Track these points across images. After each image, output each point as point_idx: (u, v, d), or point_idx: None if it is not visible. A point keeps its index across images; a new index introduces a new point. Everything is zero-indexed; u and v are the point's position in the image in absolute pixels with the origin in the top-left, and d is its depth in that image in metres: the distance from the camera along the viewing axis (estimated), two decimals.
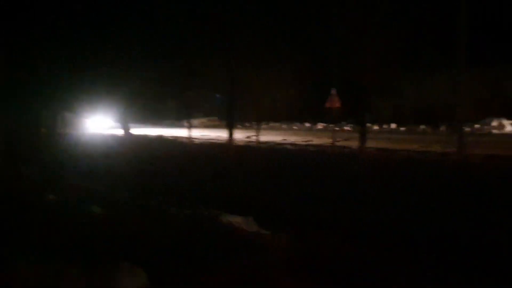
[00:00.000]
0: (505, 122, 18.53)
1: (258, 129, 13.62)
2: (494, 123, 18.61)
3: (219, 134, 15.62)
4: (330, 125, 13.59)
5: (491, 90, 22.13)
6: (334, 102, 11.54)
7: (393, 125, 22.00)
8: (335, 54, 11.45)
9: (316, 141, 13.94)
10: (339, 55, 11.27)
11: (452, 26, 9.11)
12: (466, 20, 8.63)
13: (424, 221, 3.97)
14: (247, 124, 24.59)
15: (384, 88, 21.58)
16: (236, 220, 4.19)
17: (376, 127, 21.50)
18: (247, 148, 11.88)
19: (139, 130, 20.17)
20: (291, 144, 13.09)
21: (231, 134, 11.74)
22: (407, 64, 23.54)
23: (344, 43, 9.86)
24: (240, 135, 14.96)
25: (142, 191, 5.85)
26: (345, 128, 21.24)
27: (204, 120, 31.62)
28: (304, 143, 13.33)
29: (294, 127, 26.12)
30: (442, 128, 19.48)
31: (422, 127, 20.99)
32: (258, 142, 11.32)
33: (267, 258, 3.05)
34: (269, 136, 15.31)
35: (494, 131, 17.88)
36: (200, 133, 17.76)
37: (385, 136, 16.02)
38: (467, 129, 8.53)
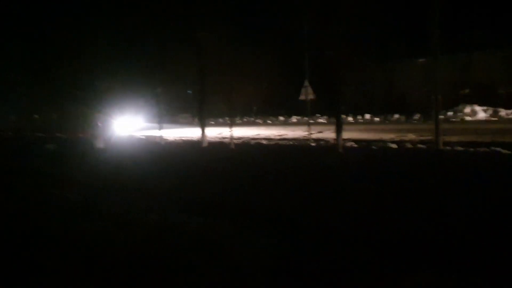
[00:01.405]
0: (477, 108, 18.73)
1: (232, 125, 13.34)
2: (467, 109, 18.79)
3: (193, 132, 15.25)
4: (305, 118, 13.40)
5: (463, 76, 22.40)
6: (308, 94, 11.33)
7: (367, 116, 22.01)
8: (306, 45, 11.25)
9: (290, 134, 13.77)
10: (309, 45, 11.08)
11: (424, 13, 9.01)
12: (439, 7, 8.52)
13: (413, 215, 3.77)
14: (220, 120, 24.27)
15: (357, 78, 21.62)
16: (208, 224, 3.92)
17: (350, 118, 21.47)
18: (220, 145, 11.59)
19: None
20: (265, 138, 12.86)
21: (203, 131, 11.46)
22: (379, 52, 23.67)
23: (314, 33, 9.70)
24: (213, 132, 14.65)
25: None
26: (320, 120, 21.15)
27: (179, 117, 31.16)
28: (278, 137, 13.13)
29: (269, 121, 25.91)
30: (416, 116, 19.58)
31: (396, 116, 21.06)
32: (232, 138, 11.05)
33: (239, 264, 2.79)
34: (243, 132, 15.04)
35: (467, 118, 18.06)
36: (173, 131, 17.32)
37: (361, 127, 16.00)
38: (440, 116, 8.46)
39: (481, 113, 18.28)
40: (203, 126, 11.58)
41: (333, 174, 5.85)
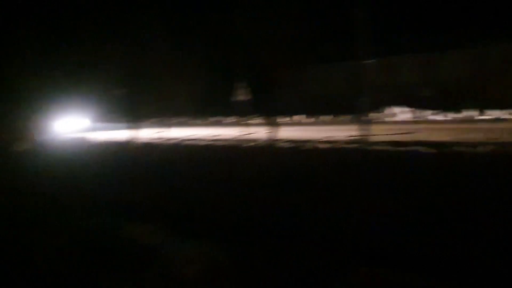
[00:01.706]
0: (398, 109, 19.89)
1: (167, 125, 13.07)
2: (387, 111, 19.92)
3: (124, 132, 14.73)
4: (240, 118, 13.47)
5: (385, 79, 23.67)
6: (243, 95, 11.38)
7: (300, 116, 22.55)
8: (239, 46, 11.29)
9: (224, 135, 13.75)
10: (243, 46, 11.14)
11: (351, 17, 9.37)
12: (366, 12, 8.91)
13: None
14: (154, 120, 23.70)
15: (290, 79, 22.07)
16: (142, 229, 3.79)
17: (285, 119, 21.87)
18: (151, 147, 11.31)
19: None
20: (200, 139, 12.74)
21: (132, 132, 11.14)
22: (310, 54, 24.29)
23: (245, 33, 9.75)
24: (147, 132, 14.27)
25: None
26: (254, 121, 21.33)
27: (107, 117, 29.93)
28: (211, 137, 13.07)
29: (202, 122, 25.69)
30: (345, 117, 20.34)
31: (328, 117, 21.76)
32: (166, 139, 10.82)
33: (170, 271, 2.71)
34: (178, 132, 14.81)
35: (388, 119, 19.10)
36: (102, 133, 16.64)
37: (294, 127, 16.35)
38: (369, 117, 8.90)
39: (400, 115, 19.44)
40: (134, 126, 11.26)
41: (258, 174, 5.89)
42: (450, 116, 17.83)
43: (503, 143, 7.56)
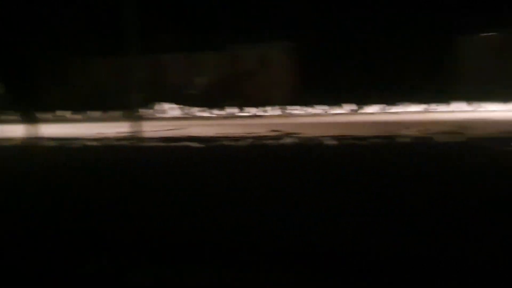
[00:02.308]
0: (167, 106, 20.57)
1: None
2: (158, 107, 20.40)
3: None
4: None
5: (156, 76, 24.14)
6: None
7: (65, 112, 20.89)
8: None
9: None
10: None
11: (121, 12, 9.18)
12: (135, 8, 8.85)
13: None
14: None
15: (55, 72, 20.25)
16: None
17: (47, 115, 19.84)
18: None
19: None
20: None
21: None
22: (77, 48, 22.73)
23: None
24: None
25: None
26: (8, 117, 18.69)
27: None
28: None
29: None
30: (114, 113, 19.81)
31: (96, 113, 20.79)
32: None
33: None
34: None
35: (159, 115, 19.55)
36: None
37: (59, 124, 15.02)
38: (140, 113, 8.93)
39: (170, 111, 20.19)
40: None
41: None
42: (215, 112, 19.34)
43: (259, 137, 8.68)
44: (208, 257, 2.67)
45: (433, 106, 16.83)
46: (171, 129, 11.57)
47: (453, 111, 15.91)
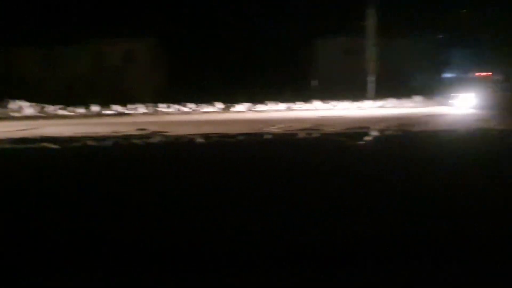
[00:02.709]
0: (23, 104, 18.58)
1: None
2: (12, 105, 18.34)
3: None
4: None
5: (7, 72, 21.81)
6: None
7: None
8: None
9: None
10: None
11: None
12: None
13: None
14: None
15: None
16: None
17: None
18: None
19: None
20: None
21: None
22: None
23: None
24: None
25: None
26: None
27: None
28: None
29: None
30: None
31: None
32: None
33: None
34: None
35: (14, 114, 17.64)
36: None
37: None
38: None
39: (29, 109, 18.28)
40: None
41: None
42: (77, 111, 18.05)
43: (124, 136, 8.34)
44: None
45: (297, 104, 18.01)
46: (24, 129, 10.52)
47: (314, 109, 17.22)
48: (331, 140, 7.02)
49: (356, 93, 18.75)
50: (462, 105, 12.04)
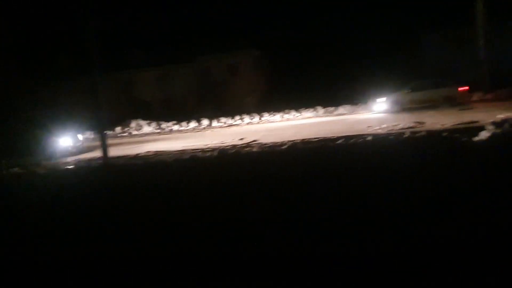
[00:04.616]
0: (142, 122, 20.16)
1: None
2: (133, 124, 19.95)
3: None
4: None
5: (124, 94, 23.90)
6: None
7: None
8: None
9: None
10: None
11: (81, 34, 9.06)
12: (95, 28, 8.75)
13: None
14: None
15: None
16: None
17: None
18: None
19: None
20: None
21: None
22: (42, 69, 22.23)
23: None
24: None
25: None
26: None
27: None
28: None
29: None
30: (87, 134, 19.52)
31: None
32: None
33: None
34: None
35: (134, 132, 19.22)
36: None
37: None
38: (110, 132, 8.89)
39: (146, 127, 19.76)
40: None
41: None
42: (191, 125, 19.00)
43: (230, 145, 8.69)
44: None
45: None
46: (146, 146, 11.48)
47: None
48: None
49: None
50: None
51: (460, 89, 14.13)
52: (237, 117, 18.83)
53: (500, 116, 7.10)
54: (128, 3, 25.40)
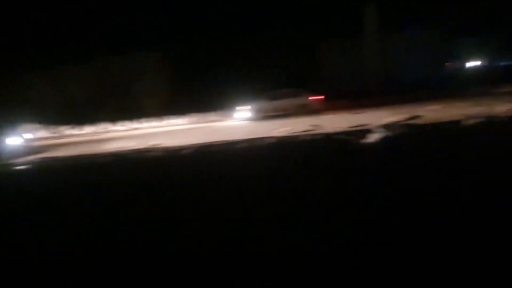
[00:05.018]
0: (35, 126, 18.74)
1: None
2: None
3: None
4: None
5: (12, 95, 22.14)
6: None
7: None
8: None
9: None
10: None
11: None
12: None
13: None
14: None
15: None
16: None
17: None
18: None
19: None
20: None
21: None
22: None
23: None
24: None
25: None
26: None
27: None
28: None
29: None
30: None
31: None
32: None
33: None
34: None
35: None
36: None
37: None
38: None
39: (41, 131, 18.42)
40: None
41: None
42: (86, 129, 18.19)
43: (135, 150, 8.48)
44: None
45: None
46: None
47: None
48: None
49: None
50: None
51: (311, 98, 14.61)
52: (139, 120, 18.46)
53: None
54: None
